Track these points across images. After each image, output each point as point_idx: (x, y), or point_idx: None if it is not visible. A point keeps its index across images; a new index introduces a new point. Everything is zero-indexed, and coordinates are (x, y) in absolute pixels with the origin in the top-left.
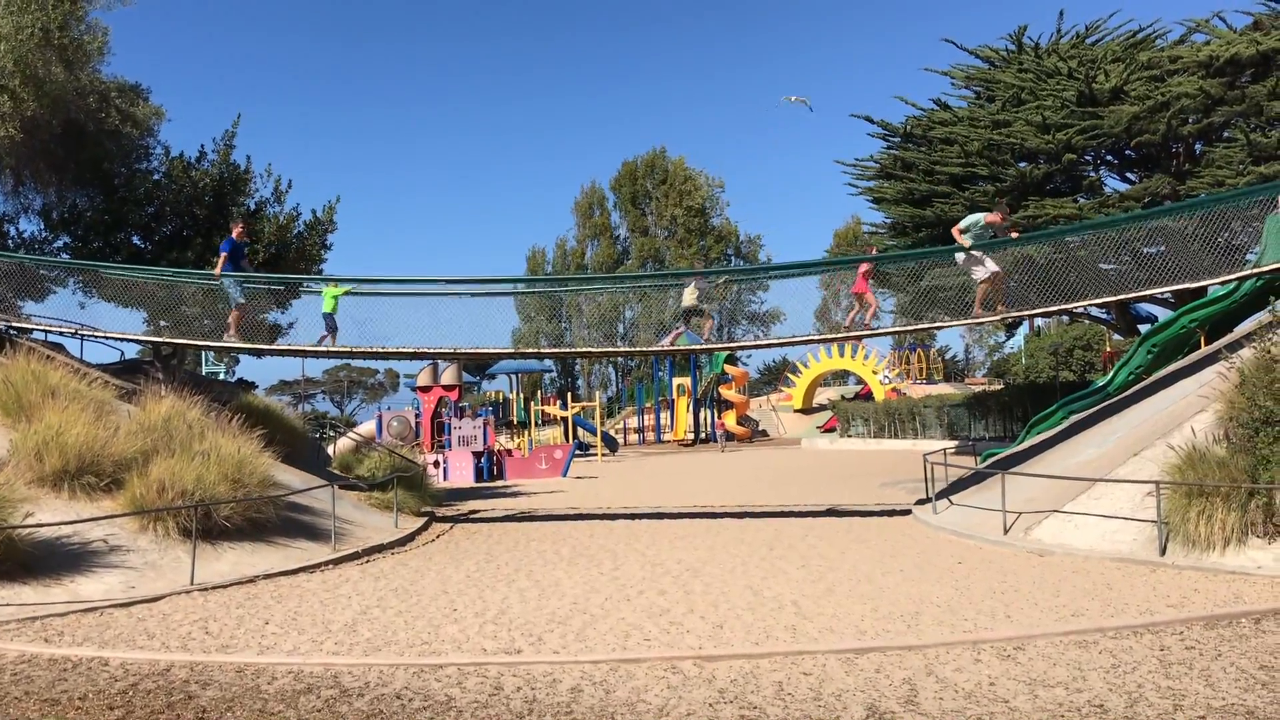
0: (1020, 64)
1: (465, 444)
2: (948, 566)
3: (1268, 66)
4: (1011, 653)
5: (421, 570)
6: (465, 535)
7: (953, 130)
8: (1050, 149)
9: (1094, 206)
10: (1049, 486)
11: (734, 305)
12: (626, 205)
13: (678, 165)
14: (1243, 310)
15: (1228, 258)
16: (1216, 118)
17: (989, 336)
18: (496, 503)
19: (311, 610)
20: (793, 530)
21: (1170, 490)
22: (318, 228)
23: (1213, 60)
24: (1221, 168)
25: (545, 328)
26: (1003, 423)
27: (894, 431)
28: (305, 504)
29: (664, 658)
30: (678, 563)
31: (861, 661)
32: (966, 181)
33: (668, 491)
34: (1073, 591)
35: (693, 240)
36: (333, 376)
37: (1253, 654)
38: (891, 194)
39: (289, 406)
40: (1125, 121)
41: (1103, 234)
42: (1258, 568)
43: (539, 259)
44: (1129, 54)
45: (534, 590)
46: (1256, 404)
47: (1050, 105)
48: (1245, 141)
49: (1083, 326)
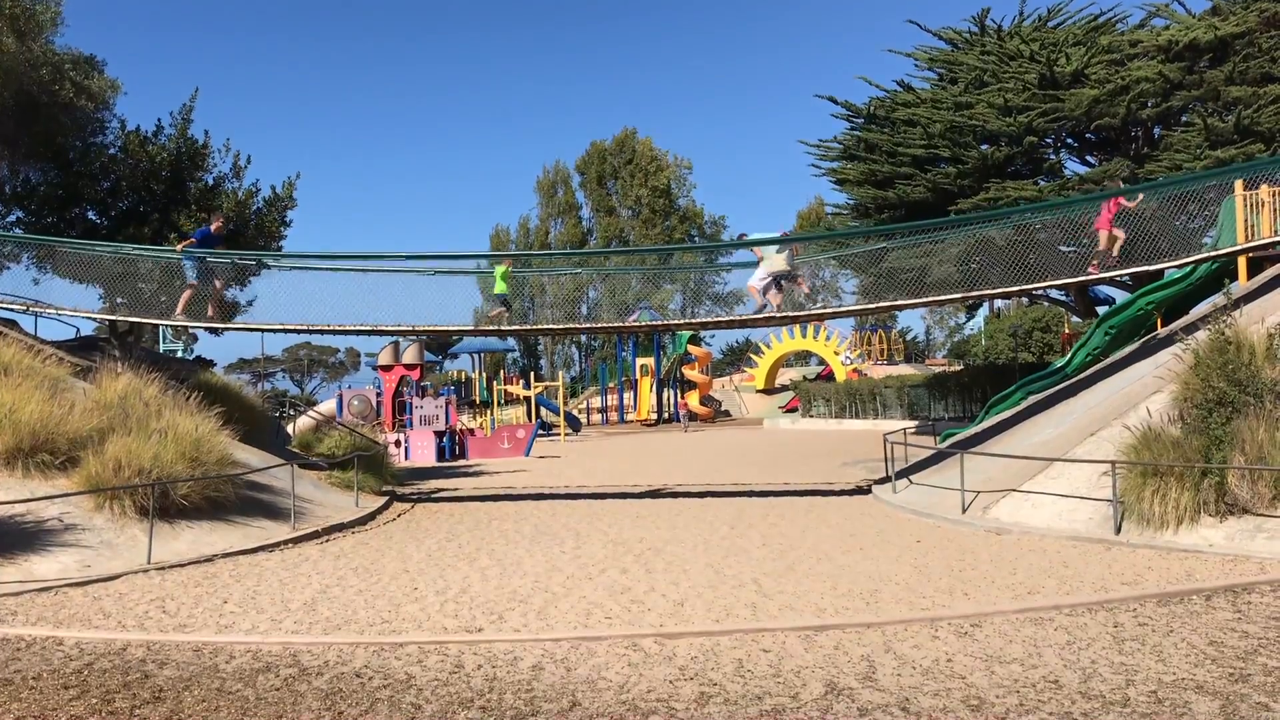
0: (983, 46)
1: (427, 423)
2: (907, 545)
3: (1225, 52)
4: (969, 630)
5: (382, 549)
6: (426, 514)
7: (915, 112)
8: (1012, 131)
9: (1054, 189)
10: (1007, 466)
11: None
12: (592, 185)
13: (645, 145)
14: (1198, 293)
15: (1184, 241)
16: (1175, 102)
17: (949, 318)
18: (458, 482)
19: (270, 589)
20: (754, 509)
21: (1126, 470)
22: (277, 204)
23: (1172, 45)
24: (1179, 151)
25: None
26: (962, 403)
27: (855, 412)
28: (264, 483)
29: (625, 635)
30: (640, 541)
31: (821, 639)
32: (929, 163)
33: (631, 471)
34: (1029, 569)
35: (658, 221)
36: (293, 355)
37: (1203, 630)
38: (854, 175)
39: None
40: (1086, 105)
41: (1063, 216)
42: (1209, 546)
43: (503, 238)
44: (1090, 38)
45: (495, 569)
46: (1210, 385)
47: (1012, 88)
48: (1203, 126)
49: (1042, 308)
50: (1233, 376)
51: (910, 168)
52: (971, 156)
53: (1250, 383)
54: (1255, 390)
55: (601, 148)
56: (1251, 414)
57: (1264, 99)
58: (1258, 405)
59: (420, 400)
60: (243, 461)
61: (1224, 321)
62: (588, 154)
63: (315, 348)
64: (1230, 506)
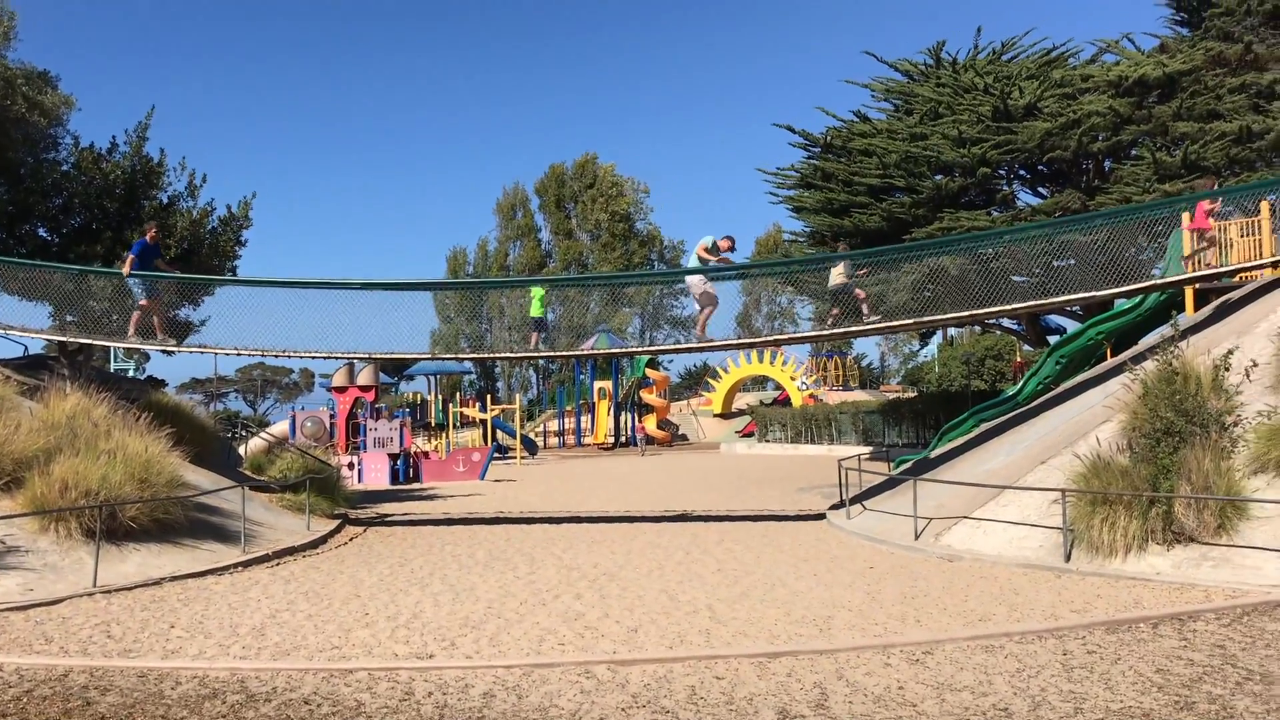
0: (938, 78)
1: (381, 445)
2: (860, 571)
3: (1173, 88)
4: (920, 657)
5: (333, 573)
6: (379, 538)
7: (871, 142)
8: (966, 162)
9: (1007, 220)
10: (959, 493)
11: (656, 309)
12: (551, 208)
13: (606, 171)
14: (1147, 323)
15: (1134, 272)
16: (1125, 136)
17: (903, 345)
18: (412, 505)
19: (219, 613)
20: (710, 534)
21: (1075, 498)
22: (232, 224)
23: (1121, 80)
24: (1129, 184)
25: (466, 329)
26: (916, 429)
27: (811, 437)
28: (215, 505)
29: (578, 662)
30: (594, 567)
31: (774, 665)
32: (884, 192)
33: (586, 495)
34: (981, 597)
35: (617, 245)
36: (246, 375)
37: (1150, 658)
38: (811, 203)
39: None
40: (1038, 137)
41: (1016, 245)
42: (1157, 574)
43: (460, 260)
44: (1042, 72)
45: (448, 594)
46: (1158, 415)
47: (966, 119)
48: (1151, 160)
49: (994, 337)
50: (1180, 407)
51: (866, 197)
52: (926, 186)
53: (1197, 413)
54: (1201, 420)
55: (560, 171)
56: (1198, 444)
57: (1210, 135)
58: (1204, 435)
59: (374, 422)
60: (193, 483)
61: (1171, 352)
62: (547, 177)
63: (269, 368)
64: (1177, 535)
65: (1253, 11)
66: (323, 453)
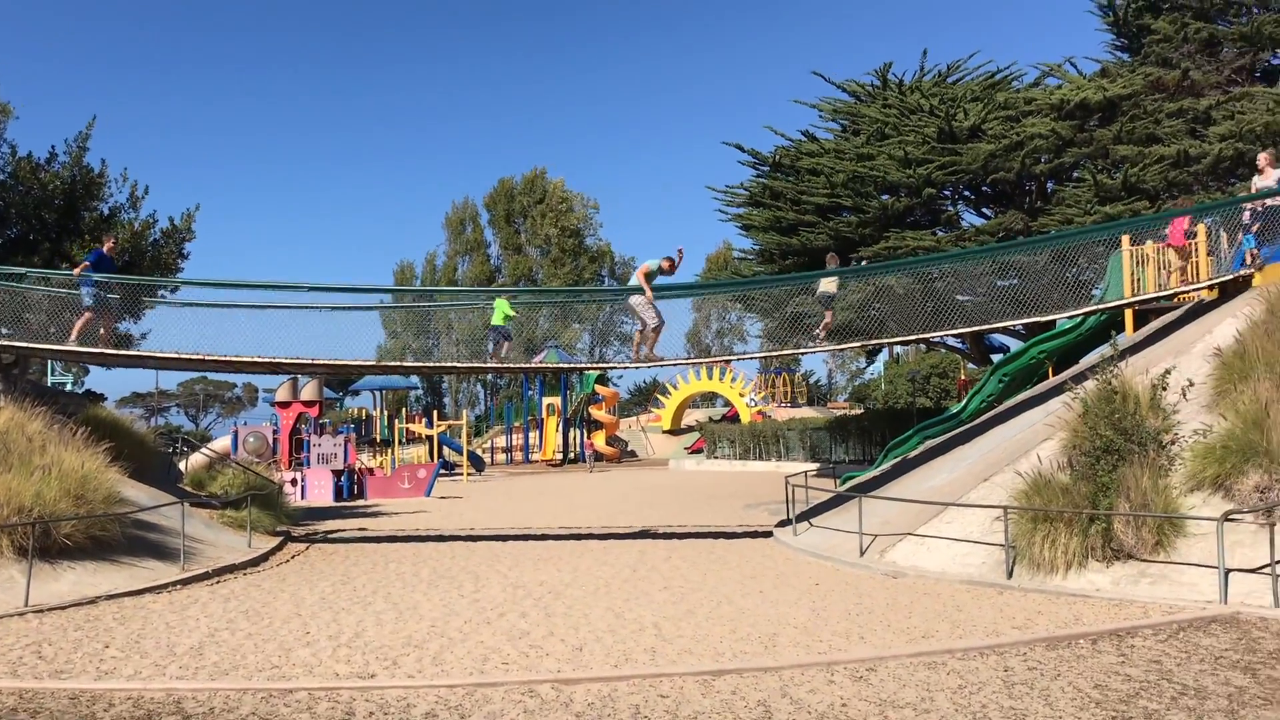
0: (885, 100)
1: (325, 461)
2: (806, 588)
3: (1113, 112)
4: (864, 674)
5: (274, 592)
6: (322, 556)
7: (819, 161)
8: (911, 183)
9: (952, 240)
10: (904, 510)
11: (605, 325)
12: (500, 223)
13: (556, 186)
14: (1088, 343)
15: (1075, 293)
16: (1067, 158)
17: (850, 362)
18: (356, 523)
19: (156, 633)
20: (657, 552)
21: (1017, 515)
22: (175, 236)
23: (1064, 104)
24: (1070, 206)
25: (413, 344)
26: (862, 446)
27: (759, 453)
28: (153, 522)
29: (522, 681)
30: (540, 585)
31: (719, 683)
32: (832, 212)
33: (534, 512)
34: (924, 613)
35: (567, 260)
36: (188, 389)
37: (1089, 674)
38: (760, 222)
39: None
40: (982, 159)
41: (960, 266)
42: (1096, 590)
43: (408, 273)
44: (987, 94)
45: (391, 613)
46: (1098, 433)
47: (912, 140)
48: (1093, 182)
49: (939, 355)
50: (1119, 425)
51: (814, 216)
52: (872, 206)
53: (1135, 431)
54: (1140, 439)
55: (510, 185)
56: (1136, 462)
57: (1149, 158)
58: (1142, 453)
59: (318, 438)
60: (131, 499)
61: (1111, 372)
62: (496, 191)
63: (211, 382)
64: (1116, 552)
65: (1190, 39)
66: (265, 469)
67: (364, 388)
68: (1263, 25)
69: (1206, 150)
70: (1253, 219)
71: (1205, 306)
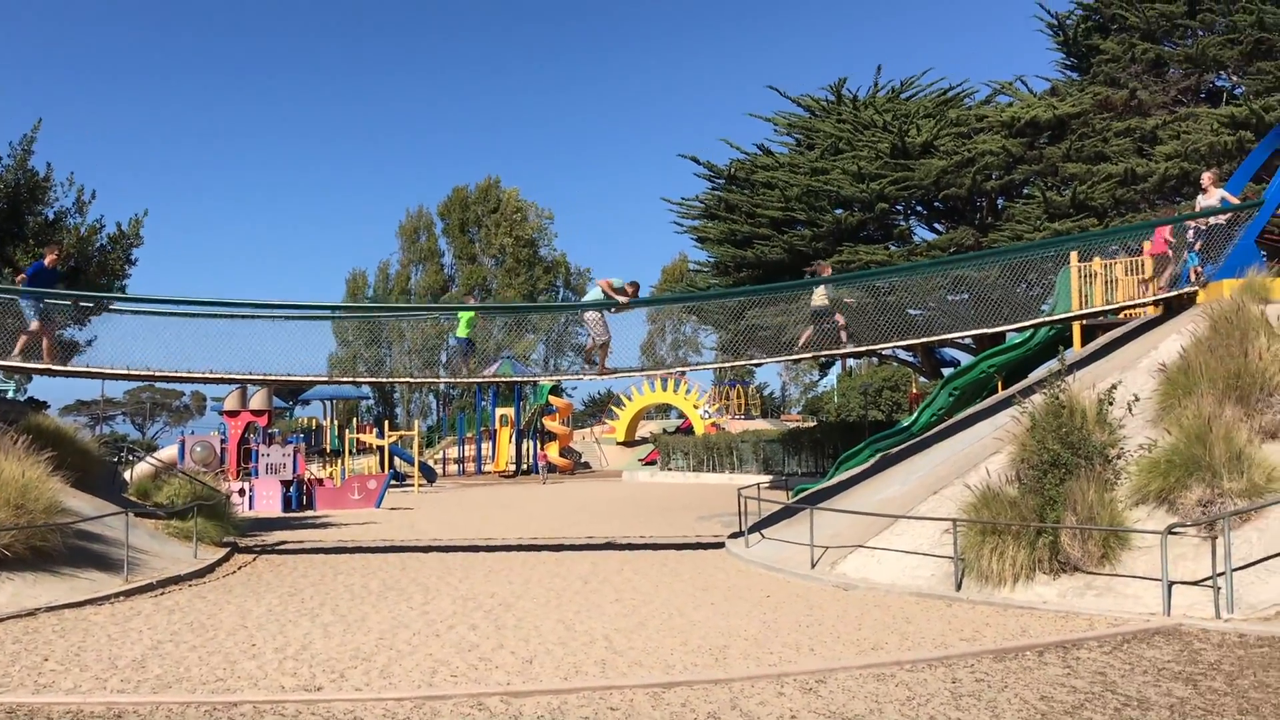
0: (839, 115)
1: (273, 472)
2: (757, 600)
3: (1063, 130)
4: (814, 686)
5: (220, 603)
6: (269, 567)
7: (774, 175)
8: (865, 197)
9: (904, 254)
10: (855, 522)
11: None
12: (454, 232)
13: (510, 195)
14: (1036, 357)
15: (1024, 308)
16: (1017, 175)
17: (804, 375)
18: (304, 534)
19: (98, 645)
20: (609, 563)
21: (966, 528)
22: (122, 242)
23: (1014, 121)
24: (1020, 222)
25: (364, 353)
26: (815, 458)
27: (712, 465)
28: (97, 532)
29: (470, 694)
30: (491, 597)
31: (669, 696)
32: (786, 225)
33: (486, 524)
34: (874, 625)
35: (522, 270)
36: (134, 397)
37: (1035, 685)
38: (715, 234)
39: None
40: (934, 175)
41: (912, 280)
42: (1043, 603)
43: (360, 282)
44: (939, 111)
45: (339, 625)
46: (1045, 447)
47: (866, 156)
48: (1042, 199)
49: (891, 368)
50: (1066, 439)
51: (768, 229)
52: (826, 220)
53: (1082, 445)
54: (1086, 453)
55: (464, 194)
56: (1083, 475)
57: (1097, 176)
58: (1088, 467)
59: (267, 448)
60: (74, 509)
61: (1058, 386)
62: (450, 199)
63: (159, 391)
64: (1063, 564)
65: (1137, 60)
66: (212, 479)
67: (314, 397)
68: (1207, 47)
69: (1153, 169)
70: (1196, 237)
71: (1152, 322)
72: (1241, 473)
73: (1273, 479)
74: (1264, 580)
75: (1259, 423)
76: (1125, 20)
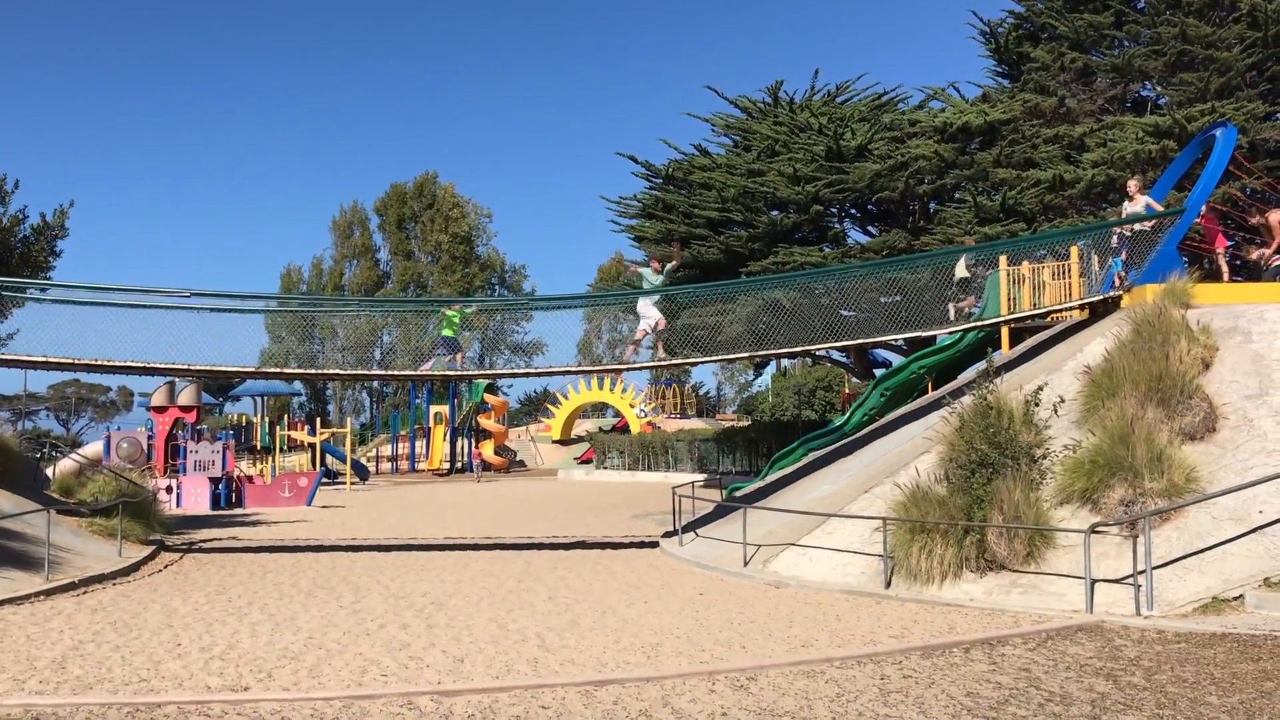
0: (776, 117)
1: (202, 469)
2: (690, 598)
3: (994, 136)
4: (745, 683)
5: (145, 602)
6: (196, 566)
7: (711, 176)
8: (800, 199)
9: (838, 256)
10: (787, 521)
11: (497, 334)
12: (391, 228)
13: (447, 191)
14: (966, 359)
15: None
16: (949, 180)
17: (739, 375)
18: (233, 532)
19: (15, 645)
20: (543, 562)
21: (895, 526)
22: (46, 232)
23: (947, 126)
24: (951, 226)
25: (297, 349)
26: (749, 458)
27: (648, 464)
28: (16, 530)
29: (400, 694)
30: (423, 595)
31: (600, 694)
32: (722, 226)
33: (419, 522)
34: (804, 623)
35: (458, 267)
36: (59, 392)
37: (961, 681)
38: (652, 234)
39: (6, 423)
40: (868, 178)
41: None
42: (970, 600)
43: (294, 278)
44: (874, 115)
45: (267, 624)
46: (973, 447)
47: (801, 158)
48: (973, 203)
49: (825, 369)
50: (993, 439)
51: (705, 229)
52: (762, 222)
53: (1009, 445)
54: (1013, 453)
55: (402, 190)
56: (1009, 475)
57: (1026, 182)
58: (1015, 467)
59: (195, 444)
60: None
61: (987, 387)
62: (387, 196)
63: (84, 385)
64: (989, 563)
65: (1066, 68)
66: (139, 475)
67: (244, 393)
68: (1133, 58)
69: (1080, 175)
70: (1120, 243)
71: (1077, 325)
72: (1162, 473)
73: (1192, 479)
74: (1182, 578)
75: (1179, 424)
76: (1055, 29)
